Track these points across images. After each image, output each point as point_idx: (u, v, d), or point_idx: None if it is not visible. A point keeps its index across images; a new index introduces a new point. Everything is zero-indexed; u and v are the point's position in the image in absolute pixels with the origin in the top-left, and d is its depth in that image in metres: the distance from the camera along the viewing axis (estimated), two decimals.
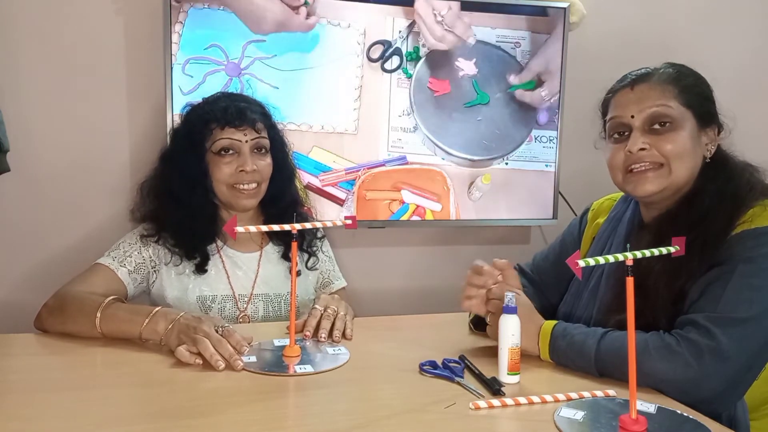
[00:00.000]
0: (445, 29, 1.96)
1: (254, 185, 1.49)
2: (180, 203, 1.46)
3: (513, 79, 2.02)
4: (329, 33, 1.88)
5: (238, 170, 1.46)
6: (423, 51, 1.96)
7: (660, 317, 1.11)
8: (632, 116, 1.19)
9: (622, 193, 1.38)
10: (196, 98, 1.69)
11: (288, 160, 1.61)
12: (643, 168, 1.18)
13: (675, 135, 1.17)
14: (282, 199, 1.57)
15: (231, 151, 1.47)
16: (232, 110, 1.46)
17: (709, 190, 1.17)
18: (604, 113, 1.28)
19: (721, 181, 1.17)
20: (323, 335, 1.29)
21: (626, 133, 1.21)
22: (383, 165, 1.97)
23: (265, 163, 1.50)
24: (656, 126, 1.18)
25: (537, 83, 2.04)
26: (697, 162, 1.19)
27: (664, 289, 1.12)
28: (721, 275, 1.08)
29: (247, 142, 1.47)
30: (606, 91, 1.29)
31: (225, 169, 1.46)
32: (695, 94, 1.20)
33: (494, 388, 1.05)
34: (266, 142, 1.51)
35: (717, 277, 1.08)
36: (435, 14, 1.94)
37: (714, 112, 1.22)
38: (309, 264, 1.60)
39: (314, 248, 1.62)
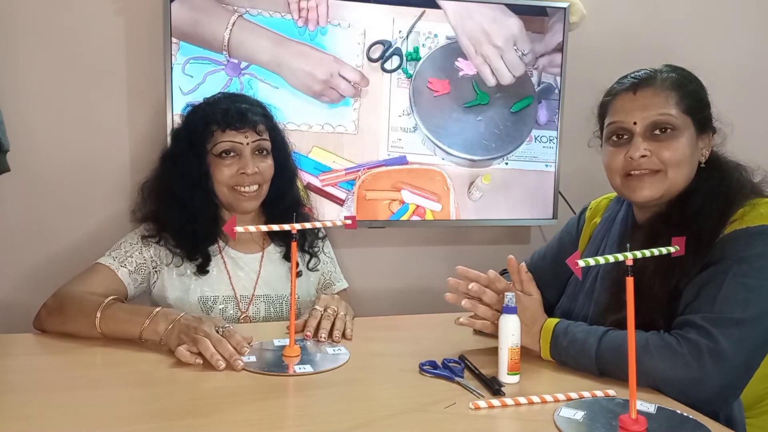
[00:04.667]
0: (526, 67, 2.00)
1: (255, 187, 1.48)
2: (181, 204, 1.46)
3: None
4: (329, 33, 1.88)
5: (239, 172, 1.46)
6: (423, 51, 1.96)
7: (656, 316, 1.12)
8: (634, 123, 1.19)
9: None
10: (196, 98, 1.69)
11: (289, 161, 1.61)
12: (641, 173, 1.19)
13: (675, 143, 1.17)
14: (283, 200, 1.56)
15: (232, 154, 1.46)
16: (233, 112, 1.46)
17: (702, 190, 1.18)
18: (602, 115, 1.28)
19: (714, 181, 1.18)
20: (323, 335, 1.29)
21: (625, 137, 1.21)
22: (383, 165, 1.97)
23: (267, 164, 1.50)
24: (657, 132, 1.18)
25: (536, 97, 2.04)
26: (694, 167, 1.20)
27: (659, 287, 1.12)
28: (715, 275, 1.08)
29: (248, 144, 1.46)
30: (604, 92, 1.29)
31: (226, 171, 1.46)
32: (695, 101, 1.20)
33: (494, 388, 1.05)
34: (267, 144, 1.51)
35: (712, 278, 1.09)
36: (516, 50, 1.93)
37: (710, 118, 1.23)
38: (310, 265, 1.60)
39: (315, 249, 1.62)
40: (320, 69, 1.87)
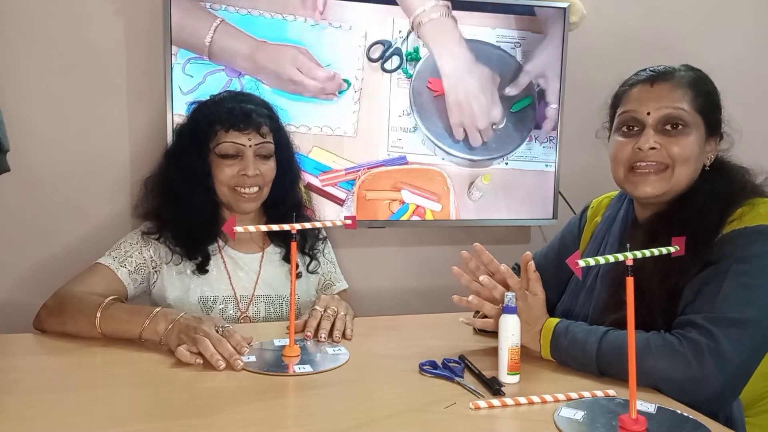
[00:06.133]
0: None
1: (255, 189, 1.48)
2: (181, 201, 1.46)
3: (509, 90, 2.01)
4: (329, 33, 1.88)
5: (239, 173, 1.46)
6: (423, 51, 1.96)
7: (656, 316, 1.12)
8: (648, 113, 1.19)
9: (620, 191, 1.38)
10: (196, 98, 1.69)
11: (293, 163, 1.60)
12: (647, 170, 1.19)
13: (685, 139, 1.17)
14: (285, 202, 1.56)
15: (234, 154, 1.46)
16: (238, 112, 1.45)
17: (703, 190, 1.18)
18: (615, 105, 1.28)
19: (716, 182, 1.18)
20: (323, 335, 1.29)
21: (636, 128, 1.21)
22: (383, 165, 1.97)
23: (268, 166, 1.50)
24: (668, 127, 1.18)
25: (536, 97, 2.03)
26: (698, 168, 1.20)
27: (658, 287, 1.12)
28: (715, 275, 1.08)
29: (251, 146, 1.46)
30: (611, 87, 1.28)
31: (227, 171, 1.46)
32: (709, 102, 1.21)
33: (494, 388, 1.05)
34: (270, 147, 1.50)
35: (711, 278, 1.09)
36: (494, 128, 1.98)
37: (720, 122, 1.23)
38: (310, 268, 1.60)
39: (315, 251, 1.62)
40: (283, 67, 1.84)
